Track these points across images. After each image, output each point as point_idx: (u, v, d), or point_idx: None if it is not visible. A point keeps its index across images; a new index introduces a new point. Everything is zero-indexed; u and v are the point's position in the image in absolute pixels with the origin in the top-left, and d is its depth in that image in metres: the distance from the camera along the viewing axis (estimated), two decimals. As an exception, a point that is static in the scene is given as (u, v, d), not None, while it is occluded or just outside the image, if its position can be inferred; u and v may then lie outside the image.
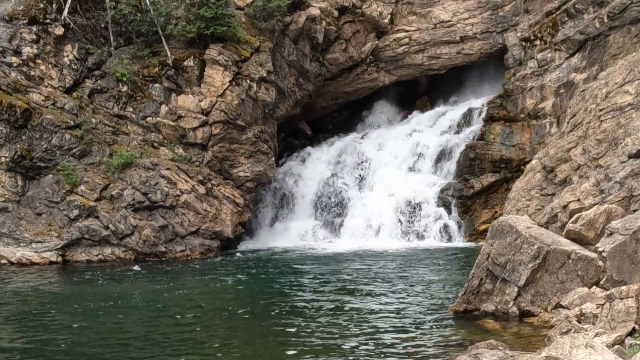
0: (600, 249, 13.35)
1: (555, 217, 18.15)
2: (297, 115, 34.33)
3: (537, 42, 29.99)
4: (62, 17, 27.05)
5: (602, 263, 13.38)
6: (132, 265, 24.54)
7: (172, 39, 28.37)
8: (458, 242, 28.68)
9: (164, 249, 26.20)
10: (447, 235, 29.09)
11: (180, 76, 28.04)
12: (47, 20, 27.12)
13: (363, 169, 32.41)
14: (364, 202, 30.79)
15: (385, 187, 30.94)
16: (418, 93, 36.79)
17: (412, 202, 29.88)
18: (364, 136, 34.46)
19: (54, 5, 27.32)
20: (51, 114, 26.31)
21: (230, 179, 28.43)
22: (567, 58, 29.01)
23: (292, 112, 32.85)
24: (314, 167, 32.79)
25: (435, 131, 32.48)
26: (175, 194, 26.48)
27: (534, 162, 22.05)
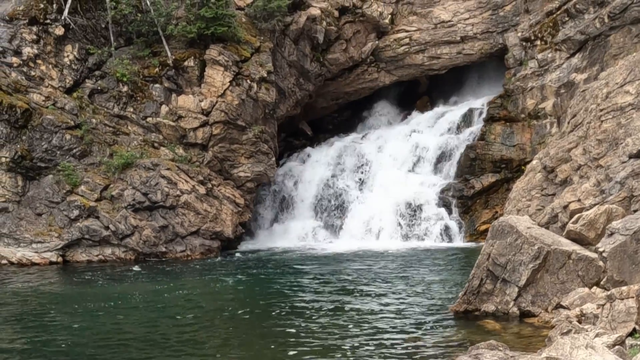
0: (601, 249, 13.35)
1: (555, 217, 18.14)
2: (297, 116, 34.32)
3: (538, 42, 29.97)
4: (63, 18, 27.05)
5: (603, 263, 13.37)
6: (132, 265, 24.53)
7: (172, 39, 28.37)
8: (458, 242, 28.68)
9: (164, 249, 26.20)
10: (447, 236, 29.08)
11: (180, 76, 28.04)
12: (48, 21, 27.12)
13: (363, 172, 32.35)
14: (364, 204, 30.74)
15: (385, 188, 30.90)
16: (418, 93, 36.77)
17: (412, 205, 29.85)
18: (364, 136, 34.43)
19: (54, 6, 27.31)
20: (51, 114, 26.31)
21: (230, 179, 28.43)
22: (567, 58, 29.00)
23: (293, 113, 32.83)
24: (313, 169, 32.71)
25: (435, 132, 32.46)
26: (176, 194, 26.48)
27: (534, 162, 22.02)
